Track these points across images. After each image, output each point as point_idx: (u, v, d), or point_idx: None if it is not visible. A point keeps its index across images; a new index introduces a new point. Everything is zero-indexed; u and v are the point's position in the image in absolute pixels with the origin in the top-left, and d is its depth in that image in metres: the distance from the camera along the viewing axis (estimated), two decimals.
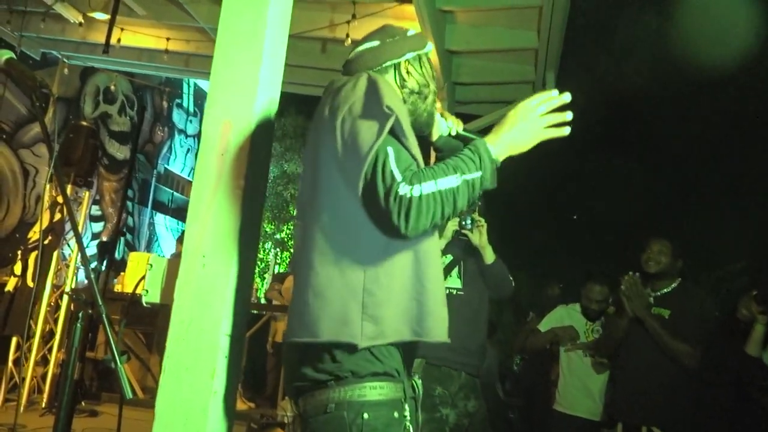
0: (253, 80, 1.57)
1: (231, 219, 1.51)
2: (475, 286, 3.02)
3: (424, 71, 1.53)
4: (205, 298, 1.48)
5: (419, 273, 1.32)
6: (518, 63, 5.19)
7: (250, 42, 1.60)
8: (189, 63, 6.12)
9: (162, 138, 9.34)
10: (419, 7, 4.15)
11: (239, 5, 1.64)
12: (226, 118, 1.57)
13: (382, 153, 1.25)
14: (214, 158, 1.55)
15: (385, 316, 1.27)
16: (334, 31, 4.75)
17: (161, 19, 5.40)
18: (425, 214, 1.23)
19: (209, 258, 1.50)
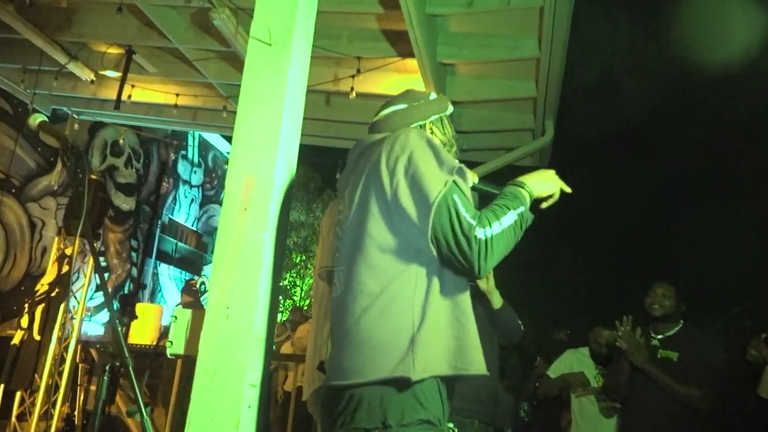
0: (274, 138, 1.65)
1: (254, 272, 1.57)
2: (484, 333, 3.02)
3: (446, 131, 1.66)
4: (230, 349, 1.52)
5: (457, 313, 1.39)
6: (517, 112, 5.36)
7: (271, 101, 1.70)
8: (197, 116, 6.29)
9: (167, 189, 9.48)
10: (421, 61, 4.33)
11: (261, 67, 1.75)
12: (249, 174, 1.65)
13: (451, 201, 1.35)
14: (237, 213, 1.63)
15: (431, 352, 1.33)
16: (338, 85, 4.92)
17: (171, 75, 5.59)
18: (498, 252, 1.36)
19: (233, 310, 1.55)
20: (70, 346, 5.28)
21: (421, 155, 1.39)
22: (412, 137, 1.43)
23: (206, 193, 10.76)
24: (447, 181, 1.35)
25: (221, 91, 5.60)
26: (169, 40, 4.88)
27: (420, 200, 1.35)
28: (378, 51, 4.65)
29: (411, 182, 1.37)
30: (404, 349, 1.31)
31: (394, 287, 1.36)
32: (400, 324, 1.33)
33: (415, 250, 1.38)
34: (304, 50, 1.85)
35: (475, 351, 1.38)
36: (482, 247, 1.32)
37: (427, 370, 1.31)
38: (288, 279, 12.05)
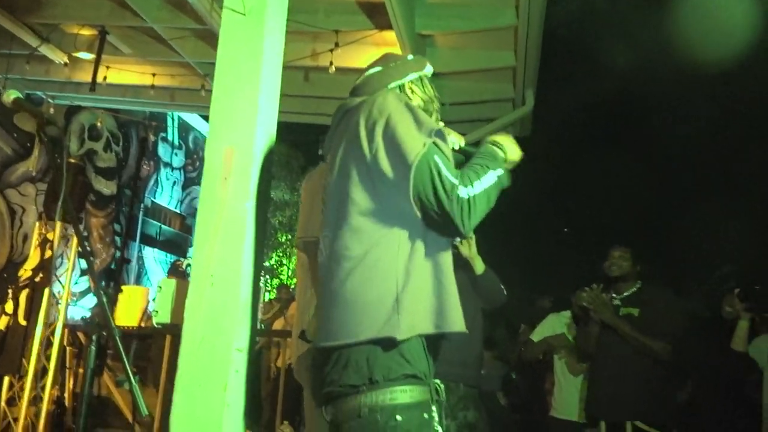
0: (253, 108, 1.66)
1: (237, 239, 1.59)
2: (468, 299, 3.09)
3: (426, 90, 1.67)
4: (215, 316, 1.55)
5: (438, 274, 1.42)
6: (497, 82, 5.36)
7: (247, 72, 1.70)
8: (174, 97, 6.21)
9: (148, 172, 9.39)
10: (400, 33, 4.31)
11: (236, 37, 1.75)
12: (228, 145, 1.66)
13: (432, 161, 1.36)
14: (218, 182, 1.64)
15: (415, 311, 1.36)
16: (317, 60, 4.88)
17: (147, 56, 5.51)
18: (480, 211, 1.38)
19: (217, 277, 1.58)
20: (56, 330, 5.26)
21: (399, 118, 1.40)
22: (389, 100, 1.44)
23: (188, 175, 10.68)
24: (426, 143, 1.36)
25: (198, 69, 5.53)
26: (143, 20, 4.80)
27: (399, 162, 1.36)
28: (355, 24, 4.62)
29: (389, 145, 1.38)
30: (389, 309, 1.34)
31: (378, 250, 1.39)
32: (385, 285, 1.36)
33: (397, 212, 1.40)
34: (279, 19, 1.85)
35: (455, 311, 1.41)
36: (465, 206, 1.34)
37: (411, 330, 1.35)
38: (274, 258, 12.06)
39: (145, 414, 1.47)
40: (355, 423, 1.33)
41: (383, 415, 1.31)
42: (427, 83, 1.69)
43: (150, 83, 5.72)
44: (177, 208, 10.36)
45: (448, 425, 2.99)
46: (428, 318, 1.38)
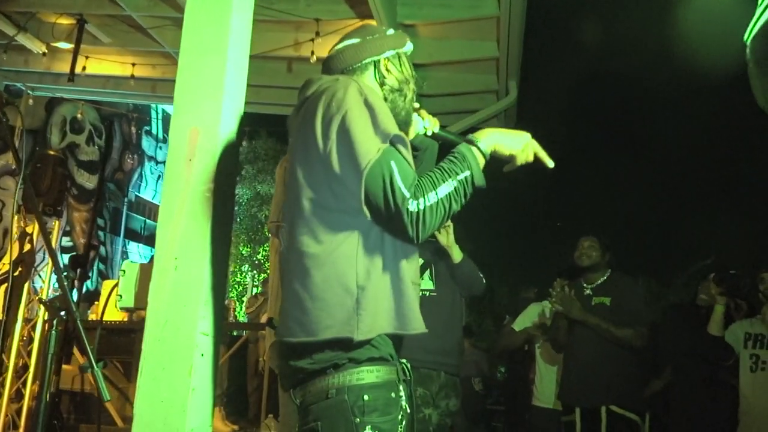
0: (219, 88, 1.63)
1: (201, 221, 1.56)
2: (447, 287, 3.10)
3: (403, 69, 1.57)
4: (179, 299, 1.51)
5: (398, 273, 1.39)
6: (480, 73, 5.35)
7: (214, 51, 1.66)
8: (156, 88, 6.13)
9: (132, 166, 9.29)
10: (381, 22, 4.27)
11: (202, 16, 1.71)
12: (193, 126, 1.62)
13: (386, 168, 1.29)
14: (182, 164, 1.60)
15: (375, 312, 1.35)
16: (299, 50, 4.84)
17: (126, 45, 5.43)
18: (432, 222, 1.31)
19: (181, 260, 1.54)
20: (37, 326, 5.19)
21: (355, 116, 1.33)
22: (349, 95, 1.37)
23: None
24: (380, 148, 1.30)
25: None
26: (122, 8, 4.73)
27: (351, 165, 1.31)
28: (337, 13, 4.58)
29: (342, 145, 1.32)
30: (349, 310, 1.33)
31: (336, 249, 1.36)
32: (344, 286, 1.34)
33: (353, 211, 1.35)
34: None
35: (414, 312, 1.40)
36: (414, 219, 1.30)
37: (371, 331, 1.34)
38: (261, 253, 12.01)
39: (107, 398, 1.44)
40: (323, 404, 1.32)
41: (351, 395, 1.31)
42: (405, 61, 1.59)
43: (130, 73, 5.65)
44: None
45: (430, 414, 2.98)
46: (387, 319, 1.37)
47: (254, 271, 12.14)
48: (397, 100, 1.55)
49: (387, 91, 1.54)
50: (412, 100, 1.61)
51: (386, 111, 1.39)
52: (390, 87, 1.54)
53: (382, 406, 1.32)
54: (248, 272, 12.11)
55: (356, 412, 1.29)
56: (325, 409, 1.32)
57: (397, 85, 1.55)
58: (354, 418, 1.29)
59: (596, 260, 3.26)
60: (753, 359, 3.03)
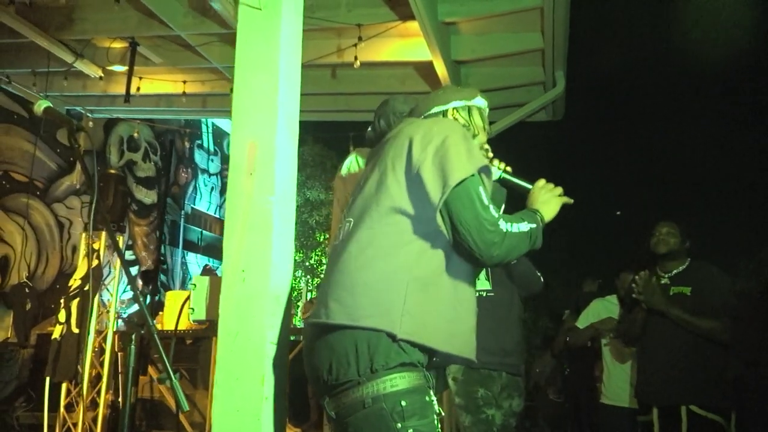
0: (273, 103, 1.67)
1: (265, 233, 1.60)
2: (504, 287, 3.07)
3: (472, 120, 1.70)
4: (248, 310, 1.56)
5: (456, 297, 1.46)
6: (526, 65, 5.27)
7: (266, 67, 1.71)
8: (206, 103, 6.33)
9: (186, 179, 9.60)
10: (423, 22, 4.27)
11: (253, 32, 1.76)
12: (251, 140, 1.67)
13: (474, 190, 1.43)
14: (243, 177, 1.66)
15: (423, 320, 1.38)
16: (342, 56, 4.89)
17: (177, 64, 5.63)
18: (509, 248, 1.43)
19: (248, 272, 1.59)
20: (108, 337, 5.45)
21: (455, 141, 1.46)
22: (453, 125, 1.53)
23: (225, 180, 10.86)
24: (473, 173, 1.43)
25: (227, 74, 5.62)
26: (170, 28, 4.90)
27: (440, 177, 1.41)
28: (378, 17, 4.61)
29: (438, 160, 1.44)
30: (397, 305, 1.37)
31: (401, 250, 1.41)
32: (398, 280, 1.39)
33: (426, 223, 1.43)
34: (296, 11, 1.85)
35: (467, 339, 1.47)
36: (501, 237, 1.41)
37: (413, 335, 1.37)
38: (313, 258, 12.17)
39: (185, 409, 1.50)
40: (361, 414, 1.34)
41: (388, 402, 1.33)
42: (476, 114, 1.72)
43: (182, 91, 5.84)
44: (216, 213, 10.56)
45: (493, 414, 2.96)
46: (436, 336, 1.41)
47: (308, 276, 12.33)
48: None
49: None
50: (483, 150, 1.73)
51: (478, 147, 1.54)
52: None
53: (420, 410, 1.34)
54: (302, 277, 12.31)
55: (396, 417, 1.31)
56: (364, 420, 1.33)
57: None
58: (395, 423, 1.31)
59: (674, 247, 3.06)
60: None
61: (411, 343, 1.37)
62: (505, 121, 5.47)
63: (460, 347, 1.45)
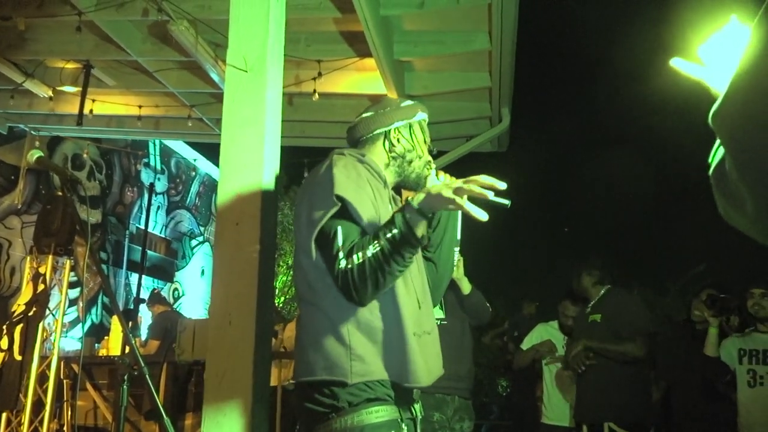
0: (259, 158, 1.83)
1: (251, 280, 1.75)
2: (456, 315, 3.32)
3: (414, 137, 1.76)
4: (235, 352, 1.70)
5: (396, 326, 1.54)
6: (474, 101, 5.59)
7: (253, 125, 1.86)
8: (160, 125, 6.32)
9: (132, 198, 9.44)
10: (379, 60, 4.50)
11: (240, 93, 1.91)
12: (238, 192, 1.82)
13: (332, 234, 1.50)
14: (231, 228, 1.80)
15: (371, 360, 1.51)
16: (301, 87, 5.05)
17: (131, 87, 5.62)
18: (365, 282, 1.44)
19: (235, 316, 1.73)
20: (52, 364, 5.31)
21: (313, 193, 1.55)
22: (320, 171, 1.58)
23: (172, 199, 10.74)
24: (323, 218, 1.49)
25: (184, 100, 5.67)
26: (128, 53, 4.92)
27: (304, 236, 1.53)
28: (337, 53, 4.81)
29: (304, 218, 1.55)
30: (342, 354, 1.49)
31: (327, 299, 1.54)
32: (337, 333, 1.51)
33: None
34: (278, 74, 2.02)
35: (414, 365, 1.52)
36: (346, 281, 1.44)
37: (364, 375, 1.49)
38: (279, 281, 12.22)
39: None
40: None
41: None
42: (417, 130, 1.77)
43: (136, 114, 5.83)
44: (162, 233, 10.41)
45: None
46: (385, 368, 1.52)
47: None
48: (404, 165, 1.75)
49: (392, 158, 1.74)
50: (424, 164, 1.79)
51: (344, 183, 1.52)
52: (397, 154, 1.74)
53: None
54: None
55: None
56: None
57: (403, 153, 1.74)
58: None
59: (590, 291, 3.60)
60: (750, 374, 3.21)
61: (368, 382, 1.50)
62: (455, 152, 5.77)
63: (409, 374, 1.51)
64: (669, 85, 1.26)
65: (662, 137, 11.98)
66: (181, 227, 11.30)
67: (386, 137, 1.74)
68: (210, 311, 1.77)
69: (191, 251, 11.88)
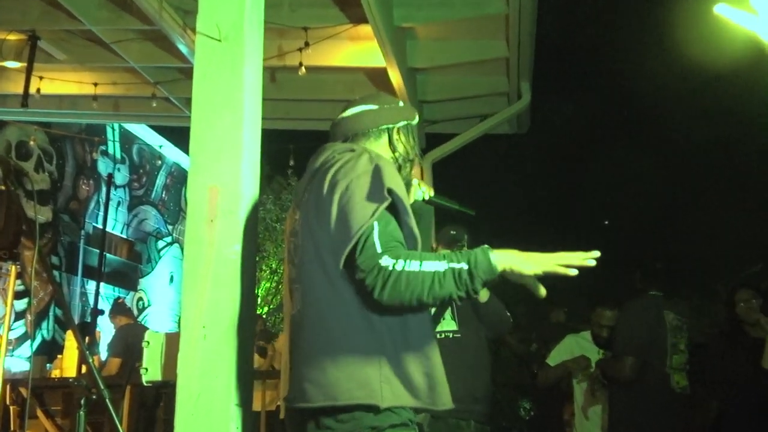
0: (237, 143, 1.83)
1: (229, 286, 1.75)
2: (471, 327, 3.30)
3: (411, 139, 1.88)
4: (211, 370, 1.70)
5: (424, 346, 1.62)
6: (489, 74, 5.58)
7: (228, 104, 1.86)
8: (119, 107, 6.33)
9: (88, 193, 9.45)
10: (376, 27, 4.49)
11: (212, 66, 1.91)
12: (212, 184, 1.82)
13: (369, 229, 1.53)
14: (203, 225, 1.80)
15: (400, 382, 1.56)
16: (284, 59, 5.04)
17: (85, 62, 5.62)
18: (405, 288, 1.50)
19: (210, 328, 1.73)
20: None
21: (359, 186, 1.58)
22: (360, 164, 1.63)
23: (134, 193, 10.75)
24: (374, 214, 1.53)
25: (147, 76, 5.66)
26: (81, 22, 4.92)
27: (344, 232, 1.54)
28: (326, 19, 4.79)
29: (342, 213, 1.57)
30: (373, 377, 1.54)
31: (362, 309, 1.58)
32: (367, 352, 1.56)
33: None
34: (257, 44, 2.02)
35: (443, 387, 1.61)
36: (383, 275, 1.49)
37: (397, 399, 1.54)
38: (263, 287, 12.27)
39: None
40: None
41: None
42: (412, 133, 1.89)
43: (92, 93, 5.83)
44: (123, 233, 10.42)
45: None
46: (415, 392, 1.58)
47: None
48: (404, 167, 1.86)
49: (395, 159, 1.84)
50: (411, 170, 1.92)
51: (394, 177, 1.62)
52: (399, 154, 1.84)
53: None
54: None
55: None
56: None
57: (405, 154, 1.86)
58: None
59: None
60: None
61: (395, 408, 1.55)
62: (467, 134, 5.76)
63: (440, 398, 1.60)
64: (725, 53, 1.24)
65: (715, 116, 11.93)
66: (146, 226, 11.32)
67: (390, 135, 1.85)
68: (181, 324, 1.77)
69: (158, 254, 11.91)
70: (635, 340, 3.44)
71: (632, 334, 3.47)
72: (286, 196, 13.49)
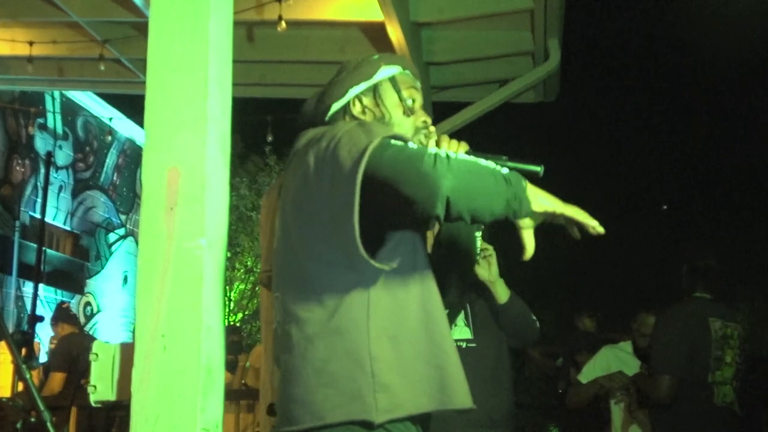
0: (201, 115, 1.83)
1: (192, 287, 1.76)
2: (489, 334, 3.31)
3: (385, 100, 1.85)
4: (172, 388, 1.72)
5: (432, 333, 1.64)
6: (510, 30, 5.57)
7: (191, 66, 1.87)
8: (61, 70, 6.33)
9: (23, 175, 9.45)
10: None
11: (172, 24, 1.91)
12: (172, 165, 1.83)
13: (386, 142, 1.52)
14: (161, 214, 1.81)
15: (399, 384, 1.58)
16: (262, 13, 5.03)
17: (18, 16, 5.61)
18: (460, 174, 1.46)
19: (170, 338, 1.75)
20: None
21: (346, 135, 1.59)
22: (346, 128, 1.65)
23: (80, 175, 10.75)
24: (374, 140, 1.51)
25: (94, 33, 5.66)
26: None
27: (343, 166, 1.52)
28: None
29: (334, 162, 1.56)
30: (363, 386, 1.56)
31: (343, 310, 1.60)
32: (353, 356, 1.58)
33: (360, 264, 1.56)
34: None
35: (457, 382, 1.64)
36: (442, 161, 1.46)
37: (395, 410, 1.57)
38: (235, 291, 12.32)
39: None
40: None
41: None
42: (387, 90, 1.84)
43: (26, 54, 5.82)
44: (67, 224, 10.43)
45: None
46: (420, 394, 1.60)
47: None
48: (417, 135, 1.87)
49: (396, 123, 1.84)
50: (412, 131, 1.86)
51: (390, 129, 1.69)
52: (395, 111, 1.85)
53: None
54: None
55: None
56: None
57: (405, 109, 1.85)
58: None
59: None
60: None
61: (394, 420, 1.57)
62: (483, 103, 5.75)
63: (455, 395, 1.62)
64: None
65: None
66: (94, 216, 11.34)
67: (346, 112, 1.83)
68: (135, 333, 1.78)
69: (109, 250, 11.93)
70: (673, 355, 3.50)
71: (670, 348, 3.54)
72: (263, 178, 13.48)
